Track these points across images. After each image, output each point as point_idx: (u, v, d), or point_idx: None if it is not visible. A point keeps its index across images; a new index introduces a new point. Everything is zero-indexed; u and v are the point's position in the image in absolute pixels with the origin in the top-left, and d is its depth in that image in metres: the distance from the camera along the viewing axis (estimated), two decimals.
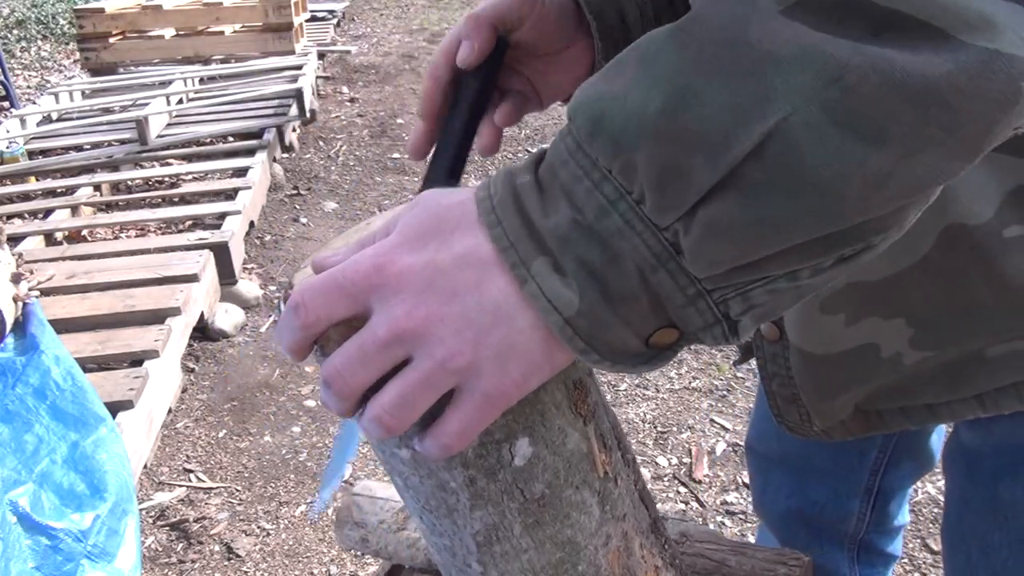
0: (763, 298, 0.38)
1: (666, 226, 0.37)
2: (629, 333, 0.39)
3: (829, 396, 0.70)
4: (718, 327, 0.39)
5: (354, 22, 8.27)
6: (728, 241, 0.36)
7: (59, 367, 1.87)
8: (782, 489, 0.99)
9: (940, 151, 0.35)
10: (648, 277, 0.38)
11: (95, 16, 5.40)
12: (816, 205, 0.35)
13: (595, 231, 0.37)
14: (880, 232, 0.37)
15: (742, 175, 0.35)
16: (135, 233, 3.34)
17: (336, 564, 1.91)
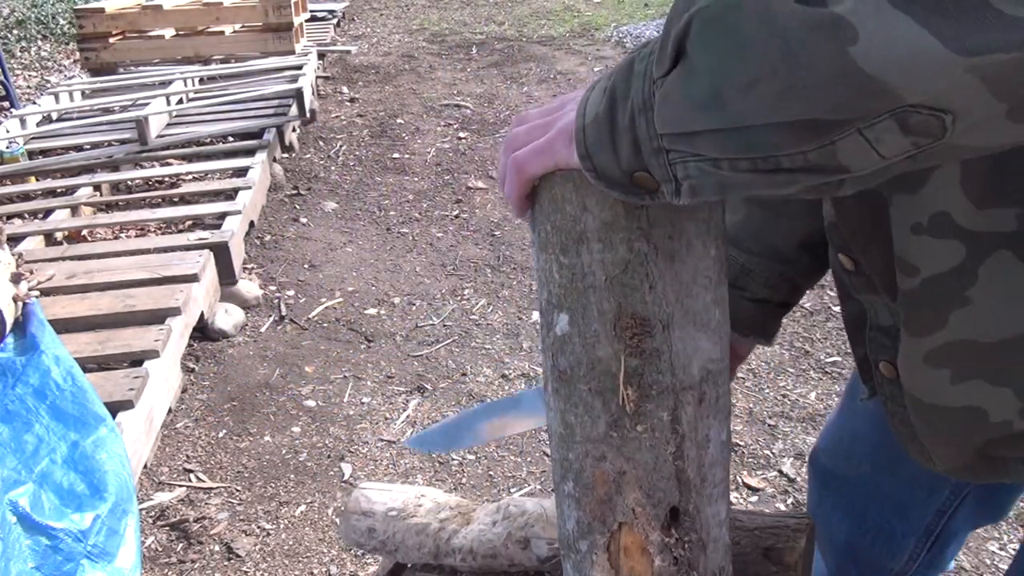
0: (694, 172, 0.46)
1: (656, 79, 0.46)
2: (616, 163, 0.49)
3: (942, 443, 0.68)
4: (670, 184, 0.48)
5: (354, 22, 8.27)
6: (671, 107, 0.45)
7: (59, 367, 1.87)
8: (837, 510, 0.95)
9: (780, 81, 0.40)
10: (636, 117, 0.47)
11: (95, 16, 5.40)
12: (708, 95, 0.43)
13: (632, 69, 0.48)
14: (778, 149, 0.43)
15: (684, 51, 0.44)
16: (135, 233, 3.34)
17: (336, 564, 1.91)
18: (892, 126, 0.39)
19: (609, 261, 0.56)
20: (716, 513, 0.61)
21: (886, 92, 0.38)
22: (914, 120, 0.39)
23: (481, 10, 8.57)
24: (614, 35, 6.98)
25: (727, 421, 0.63)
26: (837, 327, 2.72)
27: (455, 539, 0.89)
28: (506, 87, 5.60)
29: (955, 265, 0.57)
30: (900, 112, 0.39)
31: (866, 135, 0.40)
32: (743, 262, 0.83)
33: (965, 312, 0.58)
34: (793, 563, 0.82)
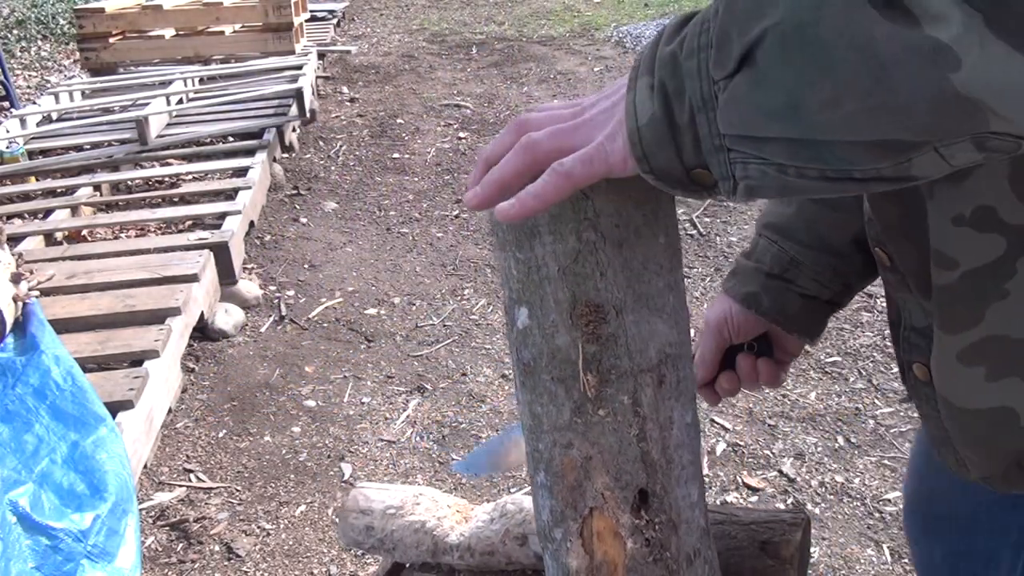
0: (755, 173, 0.47)
1: (717, 80, 0.45)
2: (677, 160, 0.49)
3: (975, 447, 0.67)
4: (728, 182, 0.48)
5: (354, 22, 8.27)
6: (738, 111, 0.45)
7: (59, 367, 1.87)
8: (927, 534, 0.92)
9: (871, 100, 0.41)
10: (695, 116, 0.47)
11: (95, 16, 5.40)
12: (784, 105, 0.43)
13: (680, 65, 0.47)
14: (852, 164, 0.44)
15: (753, 58, 0.44)
16: (135, 233, 3.34)
17: (336, 564, 1.91)
18: (969, 146, 0.41)
19: (561, 252, 0.58)
20: (687, 495, 0.63)
21: (977, 117, 0.39)
22: (993, 143, 0.41)
23: (481, 10, 8.57)
24: (614, 35, 6.98)
25: (692, 404, 0.64)
26: (837, 327, 2.73)
27: (453, 536, 0.89)
28: (506, 87, 5.60)
29: (995, 258, 0.57)
30: (980, 136, 0.41)
31: (942, 152, 0.42)
32: (793, 254, 0.83)
33: (1002, 306, 0.58)
34: (789, 556, 0.83)
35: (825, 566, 1.85)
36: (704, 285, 3.03)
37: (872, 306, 2.84)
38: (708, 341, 0.85)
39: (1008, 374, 0.60)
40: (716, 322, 0.85)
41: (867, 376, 2.48)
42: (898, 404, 2.38)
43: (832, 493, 2.05)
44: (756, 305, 0.83)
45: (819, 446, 2.21)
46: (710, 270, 3.13)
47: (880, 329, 2.70)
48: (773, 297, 0.83)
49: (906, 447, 2.19)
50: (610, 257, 0.58)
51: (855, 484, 2.07)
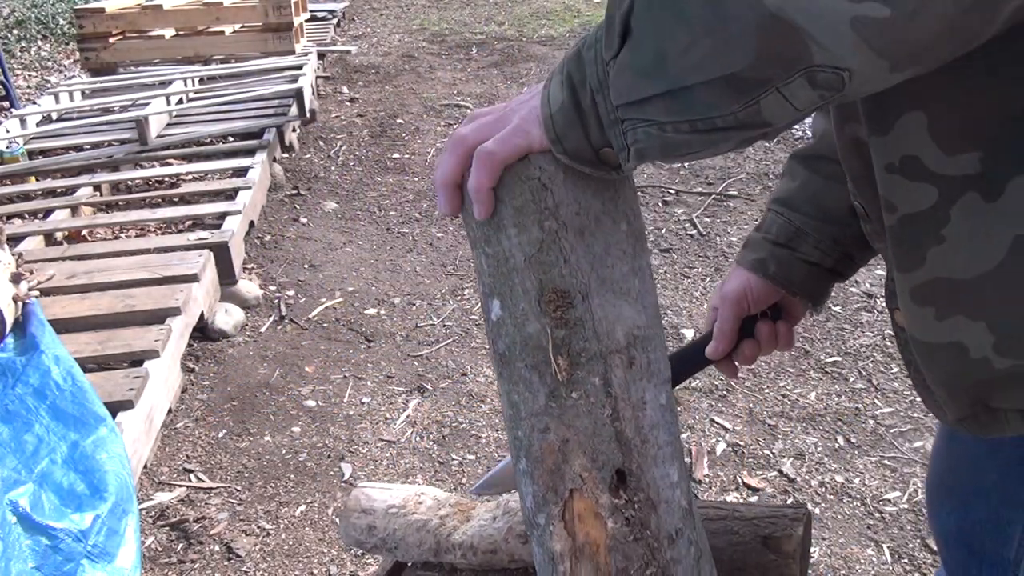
0: (641, 136, 0.54)
1: (607, 61, 0.53)
2: (586, 141, 0.57)
3: (943, 385, 0.71)
4: (624, 152, 0.56)
5: (354, 22, 8.27)
6: (623, 79, 0.52)
7: (59, 367, 1.87)
8: (944, 506, 0.97)
9: (714, 38, 0.47)
10: (595, 97, 0.54)
11: (95, 16, 5.40)
12: (652, 61, 0.50)
13: (582, 58, 0.55)
14: (712, 109, 0.50)
15: (629, 26, 0.51)
16: (135, 233, 3.34)
17: (336, 564, 1.91)
18: (803, 83, 0.48)
19: (525, 242, 0.61)
20: (665, 475, 0.64)
21: (799, 45, 0.45)
22: (820, 77, 0.47)
23: (481, 10, 8.57)
24: None
25: (664, 386, 0.66)
26: (837, 327, 2.73)
27: (455, 535, 0.89)
28: (506, 87, 5.60)
29: (929, 206, 0.62)
30: (809, 71, 0.47)
31: (783, 92, 0.48)
32: (799, 224, 0.90)
33: (940, 250, 0.63)
34: (791, 551, 0.84)
35: (825, 566, 1.85)
36: (704, 285, 3.03)
37: (872, 306, 2.84)
38: (727, 313, 0.90)
39: (955, 313, 0.65)
40: (735, 294, 0.90)
41: (867, 376, 2.48)
42: (902, 400, 2.38)
43: (832, 493, 2.05)
44: (764, 270, 0.90)
45: (819, 446, 2.21)
46: (710, 270, 3.13)
47: (880, 329, 2.70)
48: (779, 263, 0.89)
49: (906, 447, 2.19)
50: (572, 244, 0.61)
51: (855, 484, 2.07)
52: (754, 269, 0.90)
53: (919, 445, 2.18)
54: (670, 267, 3.16)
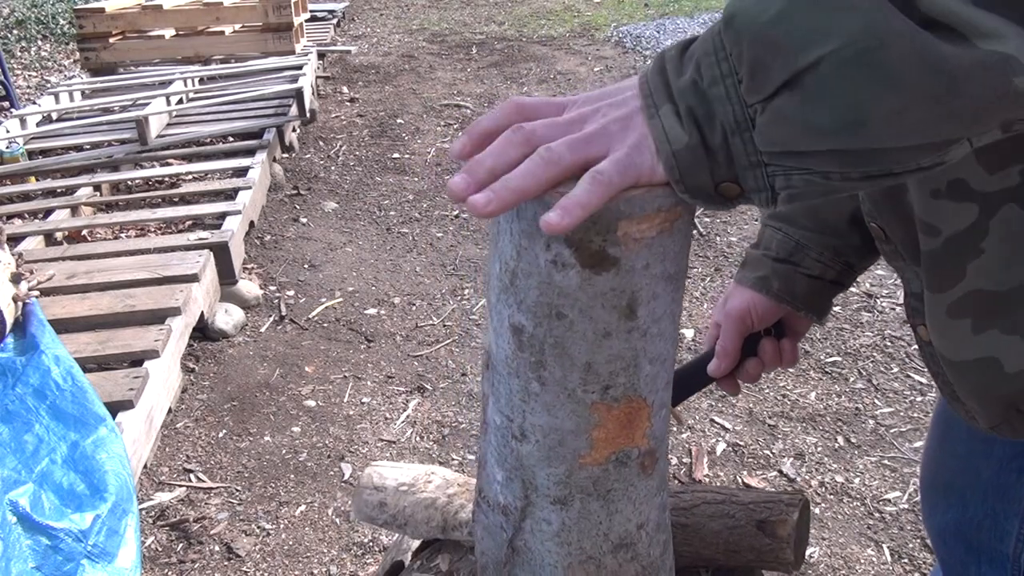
0: (799, 183, 0.51)
1: (751, 104, 0.50)
2: (708, 177, 0.53)
3: (974, 396, 0.71)
4: (765, 193, 0.52)
5: (354, 22, 8.27)
6: (784, 129, 0.49)
7: (59, 367, 1.87)
8: (941, 504, 0.98)
9: (940, 108, 0.46)
10: (729, 137, 0.51)
11: (95, 16, 5.40)
12: (843, 121, 0.48)
13: (705, 93, 0.51)
14: (900, 164, 0.49)
15: (801, 82, 0.47)
16: (135, 233, 3.34)
17: (336, 564, 1.91)
18: (997, 132, 0.49)
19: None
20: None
21: (1019, 108, 0.47)
22: (1018, 126, 0.49)
23: (481, 10, 8.57)
24: (614, 35, 6.98)
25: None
26: (837, 327, 2.73)
27: (462, 513, 0.90)
28: (506, 87, 5.60)
29: (971, 223, 0.63)
30: (1009, 121, 0.48)
31: (972, 141, 0.49)
32: (798, 238, 0.90)
33: (979, 262, 0.64)
34: (785, 535, 0.85)
35: (825, 566, 1.85)
36: (704, 285, 3.03)
37: (872, 306, 2.84)
38: (730, 332, 0.90)
39: (990, 326, 0.66)
40: (739, 312, 0.90)
41: (867, 376, 2.48)
42: (902, 400, 2.38)
43: (832, 493, 2.05)
44: (767, 288, 0.90)
45: (819, 446, 2.21)
46: (710, 270, 3.13)
47: (880, 329, 2.70)
48: (782, 280, 0.89)
49: (906, 447, 2.19)
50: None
51: (855, 484, 2.07)
52: (757, 287, 0.90)
53: (919, 445, 2.18)
54: None
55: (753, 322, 0.90)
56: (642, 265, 0.56)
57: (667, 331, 0.60)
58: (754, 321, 0.90)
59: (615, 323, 0.57)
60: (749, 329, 0.90)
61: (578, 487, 0.65)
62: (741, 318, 0.89)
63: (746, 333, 0.90)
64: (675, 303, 0.60)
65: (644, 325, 0.58)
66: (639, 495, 0.66)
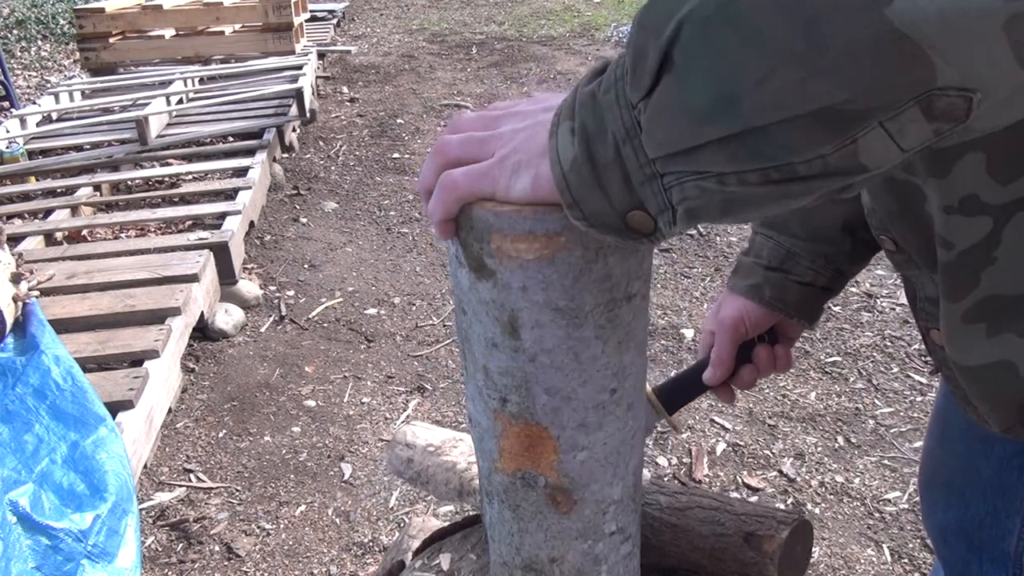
0: (693, 192, 0.44)
1: (635, 103, 0.43)
2: (607, 203, 0.47)
3: (986, 401, 0.71)
4: (667, 213, 0.46)
5: (354, 22, 8.27)
6: (665, 124, 0.42)
7: (59, 367, 1.87)
8: (942, 502, 0.98)
9: (804, 65, 0.38)
10: (620, 149, 0.45)
11: (95, 16, 5.40)
12: (716, 98, 0.40)
13: (599, 102, 0.45)
14: (792, 153, 0.40)
15: (672, 60, 0.41)
16: (135, 233, 3.34)
17: (336, 564, 1.91)
18: (916, 114, 0.38)
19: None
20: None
21: (920, 65, 0.36)
22: (940, 104, 0.38)
23: (481, 10, 8.57)
24: (614, 35, 6.98)
25: None
26: (837, 327, 2.73)
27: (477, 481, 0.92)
28: (506, 87, 5.60)
29: (985, 235, 0.62)
30: (926, 96, 0.37)
31: (888, 128, 0.39)
32: (789, 246, 0.89)
33: (993, 270, 0.63)
34: (771, 552, 0.85)
35: (825, 566, 1.84)
36: (704, 285, 3.03)
37: (872, 306, 2.84)
38: (724, 340, 0.89)
39: (1004, 330, 0.65)
40: (732, 320, 0.89)
41: (867, 376, 2.48)
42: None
43: (832, 493, 2.05)
44: (759, 296, 0.89)
45: (819, 446, 2.20)
46: (710, 270, 3.13)
47: (880, 329, 2.70)
48: (774, 287, 0.89)
49: (906, 447, 2.19)
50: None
51: (855, 484, 2.07)
52: (749, 295, 0.89)
53: (919, 445, 2.18)
54: (670, 267, 3.16)
55: (747, 330, 0.90)
56: (519, 285, 0.53)
57: (566, 367, 0.56)
58: (747, 329, 0.89)
59: (500, 337, 0.56)
60: (743, 337, 0.90)
61: (496, 489, 0.65)
62: (735, 326, 0.89)
63: (740, 341, 0.90)
64: (580, 343, 0.55)
65: (531, 350, 0.55)
66: (552, 529, 0.64)
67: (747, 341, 0.90)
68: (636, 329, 0.58)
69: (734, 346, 0.89)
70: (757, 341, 0.90)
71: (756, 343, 0.90)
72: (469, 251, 0.54)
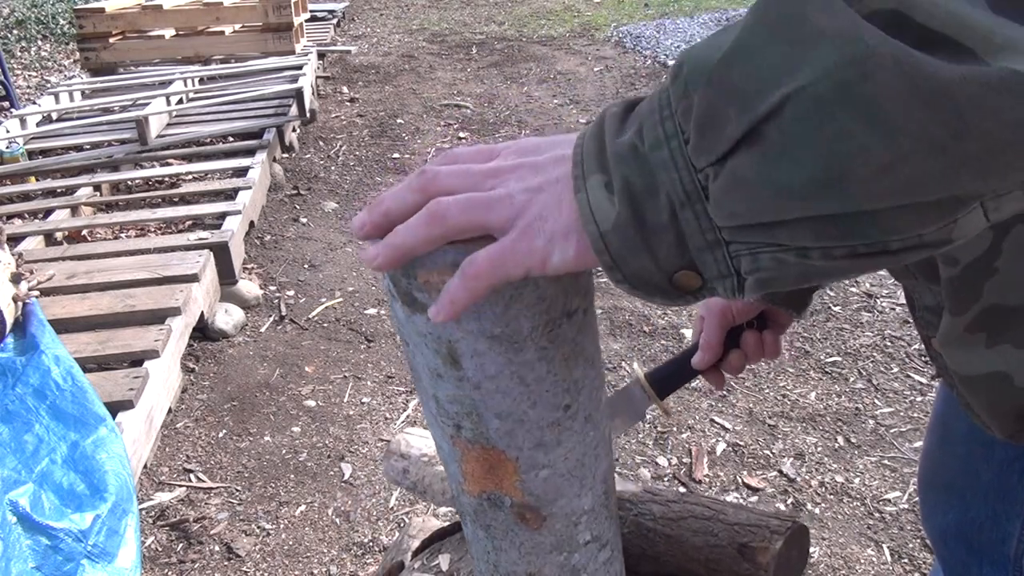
0: (769, 264, 0.41)
1: (701, 168, 0.40)
2: (654, 265, 0.43)
3: (986, 409, 0.71)
4: (729, 280, 0.42)
5: (354, 22, 8.27)
6: (746, 196, 0.39)
7: (59, 367, 1.87)
8: (941, 504, 0.98)
9: (945, 156, 0.36)
10: (677, 212, 0.41)
11: (95, 16, 5.40)
12: (820, 179, 0.37)
13: (646, 159, 0.42)
14: (894, 233, 0.38)
15: (763, 134, 0.38)
16: (135, 233, 3.34)
17: (336, 564, 1.91)
18: (1019, 194, 0.38)
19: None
20: None
21: None
22: None
23: (481, 10, 8.57)
24: (614, 35, 6.98)
25: None
26: (837, 327, 2.73)
27: None
28: (506, 87, 5.60)
29: (986, 249, 0.62)
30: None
31: (987, 206, 0.38)
32: None
33: (994, 281, 0.63)
34: (765, 564, 0.84)
35: (825, 566, 1.84)
36: None
37: (872, 306, 2.84)
38: (712, 325, 0.90)
39: (1003, 340, 0.65)
40: (719, 306, 0.89)
41: (867, 376, 2.48)
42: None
43: (832, 493, 2.05)
44: None
45: (819, 446, 2.20)
46: None
47: (880, 329, 2.70)
48: None
49: (906, 447, 2.19)
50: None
51: (855, 484, 2.07)
52: None
53: (919, 445, 2.18)
54: None
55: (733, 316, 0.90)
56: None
57: (513, 391, 0.55)
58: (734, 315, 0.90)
59: (443, 367, 0.55)
60: (731, 323, 0.90)
61: (466, 510, 0.65)
62: (722, 312, 0.90)
63: (728, 326, 0.90)
64: (523, 367, 0.54)
65: (474, 378, 0.54)
66: (527, 546, 0.64)
67: (736, 327, 0.91)
68: (583, 343, 0.56)
69: (722, 331, 0.90)
70: (746, 327, 0.90)
71: (745, 329, 0.90)
72: (399, 286, 0.53)
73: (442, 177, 0.49)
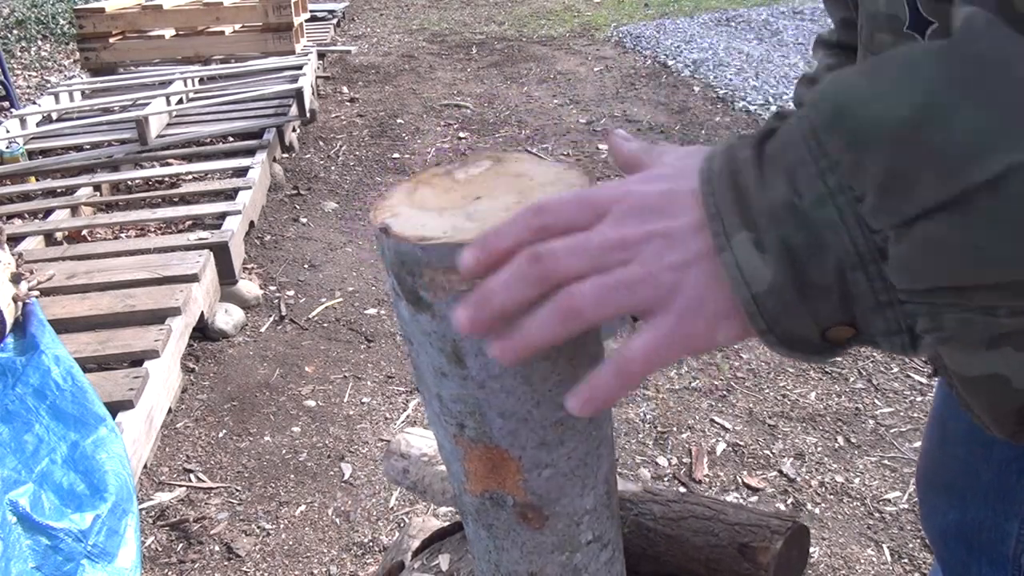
0: (952, 324, 0.38)
1: (878, 229, 0.37)
2: (810, 323, 0.40)
3: (986, 411, 0.71)
4: (899, 337, 0.40)
5: (354, 22, 8.27)
6: (939, 262, 0.36)
7: (59, 367, 1.87)
8: (941, 504, 0.98)
9: None
10: (846, 274, 0.38)
11: (95, 16, 5.40)
12: None
13: (808, 217, 0.38)
14: None
15: (972, 202, 0.35)
16: (135, 233, 3.34)
17: (336, 564, 1.91)
18: None
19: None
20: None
21: None
22: None
23: (481, 10, 8.57)
24: (614, 35, 6.98)
25: None
26: None
27: None
28: (506, 87, 5.60)
29: None
30: None
31: None
32: None
33: None
34: (765, 564, 0.84)
35: (825, 566, 1.85)
36: None
37: None
38: None
39: (1004, 343, 0.65)
40: None
41: (867, 376, 2.48)
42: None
43: (832, 493, 2.05)
44: None
45: (819, 446, 2.21)
46: None
47: None
48: None
49: (906, 447, 2.19)
50: None
51: (855, 484, 2.07)
52: None
53: (919, 445, 2.18)
54: None
55: None
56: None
57: (517, 390, 0.55)
58: None
59: (447, 365, 0.55)
60: None
61: (468, 509, 0.65)
62: None
63: None
64: (528, 367, 0.54)
65: (478, 377, 0.54)
66: (529, 545, 0.64)
67: None
68: (587, 342, 0.57)
69: None
70: None
71: None
72: (404, 285, 0.53)
73: (561, 260, 0.43)
